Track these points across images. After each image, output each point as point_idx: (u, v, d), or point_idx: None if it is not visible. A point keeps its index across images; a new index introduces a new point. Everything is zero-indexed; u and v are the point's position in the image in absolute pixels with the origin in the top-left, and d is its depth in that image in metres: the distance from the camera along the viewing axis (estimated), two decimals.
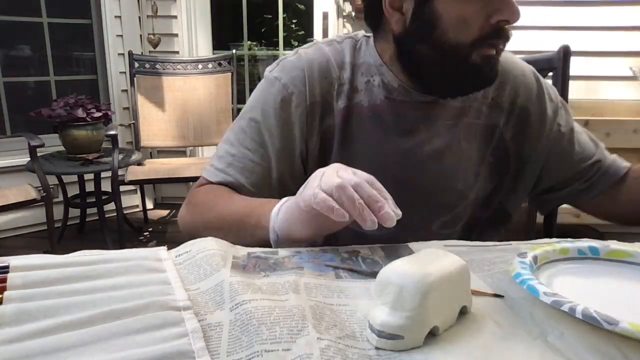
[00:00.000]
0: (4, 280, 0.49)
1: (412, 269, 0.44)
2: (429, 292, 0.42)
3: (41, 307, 0.46)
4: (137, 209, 3.25)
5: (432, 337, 0.44)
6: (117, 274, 0.53)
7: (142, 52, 3.14)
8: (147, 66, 2.92)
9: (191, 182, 3.31)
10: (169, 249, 0.62)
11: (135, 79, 2.88)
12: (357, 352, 0.42)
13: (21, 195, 2.20)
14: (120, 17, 3.04)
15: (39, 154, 2.32)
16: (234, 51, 2.97)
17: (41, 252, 0.72)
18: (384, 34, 0.79)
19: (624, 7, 2.72)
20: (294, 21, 6.34)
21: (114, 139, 2.49)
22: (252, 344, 0.42)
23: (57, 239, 2.47)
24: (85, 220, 2.93)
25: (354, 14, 3.08)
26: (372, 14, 0.78)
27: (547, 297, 0.46)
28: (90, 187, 2.80)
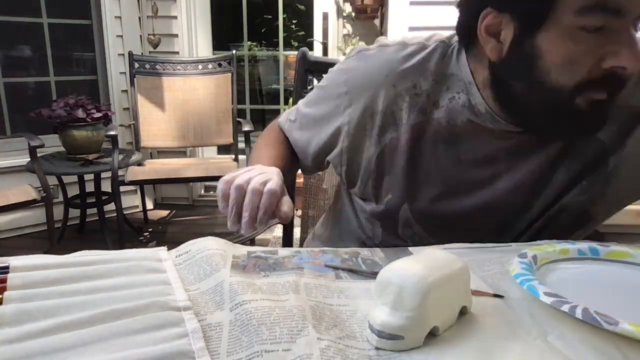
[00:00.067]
0: (4, 280, 0.49)
1: (412, 269, 0.44)
2: (429, 292, 0.42)
3: (41, 307, 0.46)
4: (137, 209, 3.25)
5: (432, 337, 0.44)
6: (117, 274, 0.53)
7: (142, 53, 3.14)
8: (147, 66, 2.92)
9: (191, 183, 3.32)
10: (169, 249, 0.62)
11: (135, 79, 2.88)
12: (357, 352, 0.42)
13: (21, 195, 2.20)
14: (120, 17, 3.04)
15: (39, 155, 2.32)
16: (234, 51, 2.97)
17: (41, 252, 0.72)
18: (479, 53, 0.67)
19: None
20: (294, 21, 6.34)
21: (114, 139, 2.49)
22: (252, 344, 0.42)
23: (57, 239, 2.47)
24: (85, 220, 2.93)
25: (354, 14, 3.08)
26: (465, 30, 0.68)
27: (547, 297, 0.46)
28: (90, 187, 2.80)
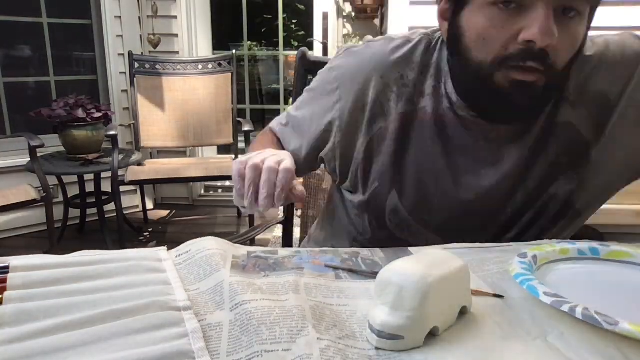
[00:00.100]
0: (4, 280, 0.49)
1: (412, 269, 0.44)
2: (429, 292, 0.42)
3: (41, 307, 0.46)
4: (137, 209, 3.25)
5: (432, 337, 0.44)
6: (117, 274, 0.53)
7: (142, 53, 3.14)
8: (147, 66, 2.92)
9: (191, 183, 3.32)
10: (169, 249, 0.62)
11: (135, 79, 2.88)
12: (357, 352, 0.42)
13: (21, 195, 2.20)
14: (120, 17, 3.04)
15: (39, 154, 2.32)
16: (234, 51, 2.97)
17: (41, 252, 0.72)
18: None
19: (624, 7, 2.72)
20: (294, 21, 6.34)
21: (114, 139, 2.49)
22: (252, 344, 0.42)
23: (57, 239, 2.47)
24: (85, 220, 2.93)
25: (354, 14, 3.08)
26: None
27: (547, 297, 0.46)
28: (90, 187, 2.80)
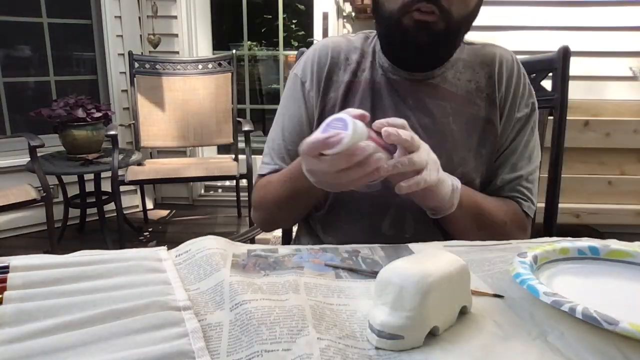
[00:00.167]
0: (4, 280, 0.49)
1: (412, 269, 0.44)
2: (429, 292, 0.42)
3: (41, 307, 0.46)
4: (137, 209, 3.25)
5: (432, 337, 0.44)
6: (117, 274, 0.53)
7: (142, 52, 3.14)
8: (147, 66, 2.92)
9: (191, 182, 3.32)
10: (169, 249, 0.62)
11: (135, 79, 2.88)
12: (357, 352, 0.42)
13: (21, 195, 2.20)
14: (120, 17, 3.04)
15: (39, 154, 2.32)
16: (234, 51, 2.97)
17: (41, 252, 0.72)
18: None
19: (624, 7, 2.72)
20: (294, 21, 6.34)
21: (114, 139, 2.49)
22: (252, 344, 0.42)
23: (57, 239, 2.47)
24: (85, 220, 2.93)
25: (353, 14, 3.08)
26: None
27: (547, 297, 0.46)
28: (90, 187, 2.80)
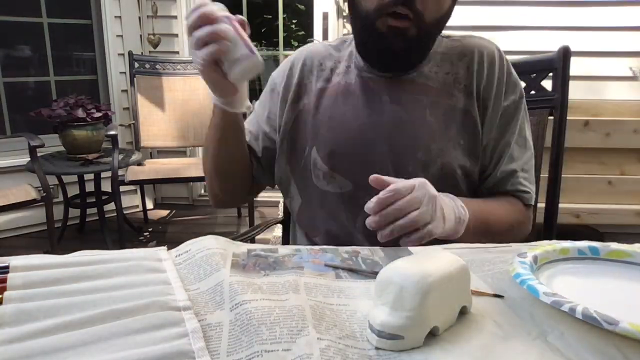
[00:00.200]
0: (4, 280, 0.49)
1: (412, 269, 0.44)
2: (429, 292, 0.42)
3: (41, 307, 0.46)
4: (137, 209, 3.25)
5: (432, 337, 0.44)
6: (117, 274, 0.53)
7: (142, 52, 3.14)
8: (147, 66, 2.92)
9: (191, 182, 3.32)
10: (169, 249, 0.62)
11: (135, 79, 2.88)
12: (357, 352, 0.42)
13: (21, 195, 2.20)
14: (120, 17, 3.04)
15: (39, 154, 2.32)
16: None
17: (41, 252, 0.72)
18: None
19: (624, 7, 2.72)
20: (294, 21, 6.34)
21: (114, 139, 2.49)
22: (252, 344, 0.42)
23: (57, 239, 2.47)
24: (85, 220, 2.93)
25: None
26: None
27: (547, 297, 0.46)
28: (90, 187, 2.80)
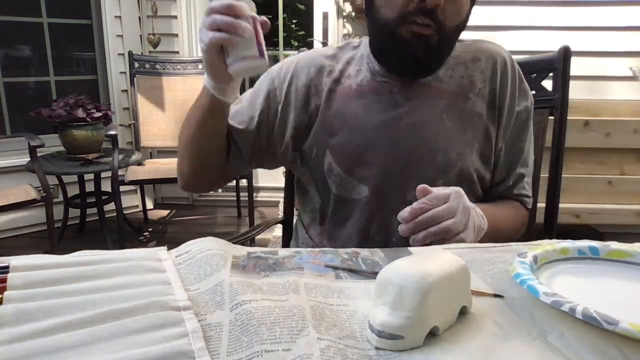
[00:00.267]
0: (4, 280, 0.49)
1: (412, 269, 0.44)
2: (429, 292, 0.42)
3: (41, 307, 0.46)
4: (137, 209, 3.25)
5: (432, 337, 0.44)
6: (117, 274, 0.53)
7: (142, 52, 3.14)
8: (147, 66, 2.92)
9: None
10: (169, 249, 0.62)
11: (135, 79, 2.88)
12: (357, 352, 0.42)
13: (21, 195, 2.20)
14: (120, 17, 3.04)
15: (39, 154, 2.32)
16: None
17: (41, 252, 0.72)
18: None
19: (624, 7, 2.72)
20: (294, 21, 6.34)
21: (114, 139, 2.49)
22: (252, 344, 0.42)
23: (57, 239, 2.47)
24: (85, 220, 2.93)
25: (354, 14, 3.08)
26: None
27: (547, 297, 0.46)
28: (90, 187, 2.80)
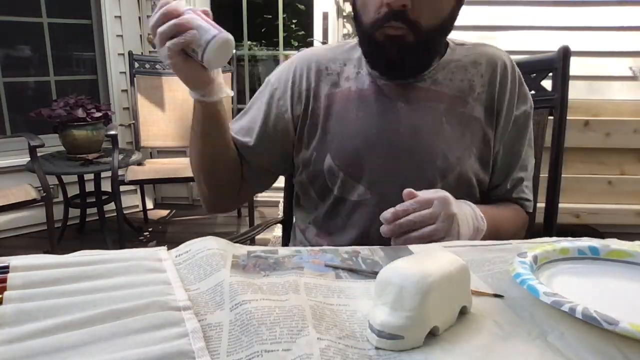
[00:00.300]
0: (4, 280, 0.49)
1: (412, 269, 0.44)
2: (429, 292, 0.42)
3: (41, 307, 0.46)
4: (137, 209, 3.25)
5: (432, 337, 0.44)
6: (117, 274, 0.53)
7: (142, 52, 3.14)
8: (147, 66, 2.92)
9: (191, 182, 3.31)
10: (169, 249, 0.62)
11: (135, 79, 2.88)
12: (357, 352, 0.42)
13: (21, 195, 2.20)
14: (120, 17, 3.04)
15: (39, 154, 2.32)
16: (234, 51, 2.97)
17: (41, 252, 0.72)
18: None
19: (624, 7, 2.72)
20: (294, 21, 6.35)
21: (114, 139, 2.49)
22: (252, 344, 0.42)
23: (57, 239, 2.47)
24: (85, 220, 2.93)
25: (353, 14, 3.08)
26: None
27: (547, 297, 0.46)
28: (90, 187, 2.80)
